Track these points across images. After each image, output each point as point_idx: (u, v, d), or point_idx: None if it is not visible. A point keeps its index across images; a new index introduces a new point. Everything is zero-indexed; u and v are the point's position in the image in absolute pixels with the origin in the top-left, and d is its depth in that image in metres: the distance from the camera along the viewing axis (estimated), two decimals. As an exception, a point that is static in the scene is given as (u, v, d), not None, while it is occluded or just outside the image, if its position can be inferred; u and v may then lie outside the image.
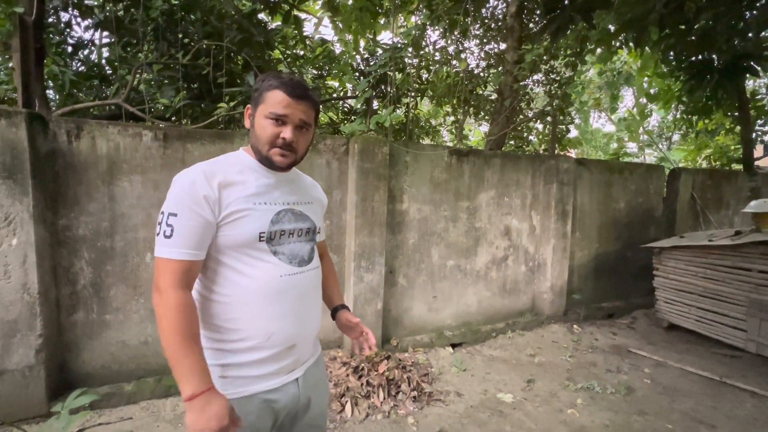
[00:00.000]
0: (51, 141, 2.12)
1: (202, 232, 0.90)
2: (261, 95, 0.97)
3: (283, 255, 0.99)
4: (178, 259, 0.89)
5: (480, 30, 5.48)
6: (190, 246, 0.89)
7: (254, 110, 0.99)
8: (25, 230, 1.99)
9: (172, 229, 0.89)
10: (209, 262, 0.97)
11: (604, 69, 7.29)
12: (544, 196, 3.76)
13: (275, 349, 0.98)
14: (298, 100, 0.96)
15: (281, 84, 0.95)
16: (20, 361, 2.03)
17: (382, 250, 2.93)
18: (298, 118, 0.96)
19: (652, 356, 3.26)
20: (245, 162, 1.01)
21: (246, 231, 0.93)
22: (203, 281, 0.98)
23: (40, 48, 2.68)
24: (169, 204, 0.91)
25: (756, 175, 5.23)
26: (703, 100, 5.10)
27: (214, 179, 0.92)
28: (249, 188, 0.96)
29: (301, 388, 1.06)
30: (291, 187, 1.07)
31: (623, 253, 4.40)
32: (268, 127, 0.96)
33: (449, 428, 2.25)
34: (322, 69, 5.27)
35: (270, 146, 0.97)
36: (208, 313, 0.97)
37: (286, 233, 1.00)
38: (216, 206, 0.91)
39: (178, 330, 0.86)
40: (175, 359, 0.86)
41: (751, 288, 3.11)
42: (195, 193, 0.89)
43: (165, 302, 0.88)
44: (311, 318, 1.07)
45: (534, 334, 3.60)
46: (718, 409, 2.52)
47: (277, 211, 0.99)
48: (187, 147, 2.41)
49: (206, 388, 0.85)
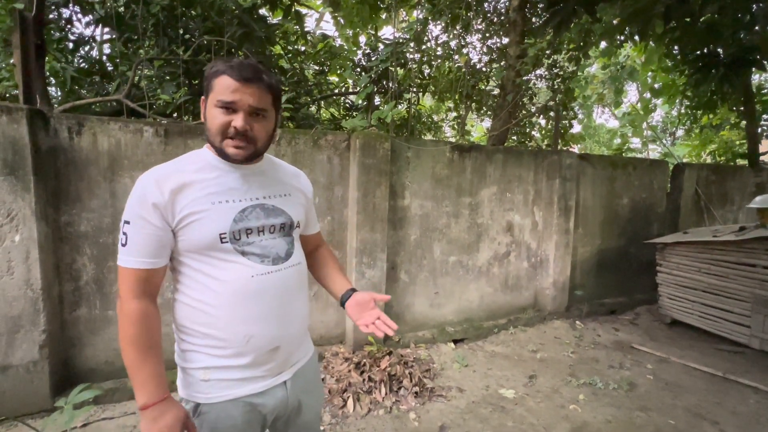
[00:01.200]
0: (52, 137, 2.12)
1: (156, 239, 0.87)
2: (209, 83, 0.89)
3: (252, 254, 0.93)
4: (133, 267, 0.87)
5: (482, 24, 5.43)
6: (144, 254, 0.87)
7: (205, 101, 0.92)
8: (27, 227, 2.00)
9: (127, 237, 0.86)
10: (177, 266, 0.94)
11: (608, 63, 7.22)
12: (547, 191, 3.74)
13: (256, 352, 0.94)
14: (247, 83, 0.86)
15: (228, 68, 0.87)
16: (24, 357, 2.04)
17: (383, 246, 2.93)
18: (247, 104, 0.87)
19: (655, 352, 3.25)
20: (206, 159, 0.94)
21: (204, 233, 0.88)
22: (175, 284, 0.96)
23: (40, 44, 2.67)
24: (125, 212, 0.88)
25: (761, 170, 5.18)
26: (708, 94, 5.04)
27: (167, 184, 0.87)
28: (207, 187, 0.90)
29: (290, 391, 1.02)
30: (261, 180, 0.99)
31: (626, 249, 4.38)
32: (217, 116, 0.88)
33: (451, 424, 2.26)
34: (324, 64, 5.25)
35: (222, 137, 0.89)
36: (183, 316, 0.94)
37: (254, 231, 0.94)
38: (168, 212, 0.86)
39: (134, 340, 0.86)
40: (131, 368, 0.85)
41: (755, 284, 3.09)
42: (144, 200, 0.86)
43: (123, 312, 0.87)
44: (295, 318, 1.01)
45: (536, 330, 3.60)
46: (722, 405, 2.51)
47: (241, 208, 0.92)
48: (188, 143, 2.41)
49: (159, 399, 0.85)
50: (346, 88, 5.41)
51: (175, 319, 0.96)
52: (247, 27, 3.48)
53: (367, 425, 2.21)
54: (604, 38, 4.01)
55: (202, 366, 0.93)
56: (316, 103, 5.32)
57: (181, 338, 0.96)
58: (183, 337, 0.96)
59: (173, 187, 0.87)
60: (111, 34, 3.89)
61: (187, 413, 0.89)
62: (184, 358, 0.96)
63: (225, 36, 3.35)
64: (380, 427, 2.19)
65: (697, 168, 4.63)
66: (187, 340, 0.95)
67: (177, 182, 0.88)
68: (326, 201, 2.84)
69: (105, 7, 3.61)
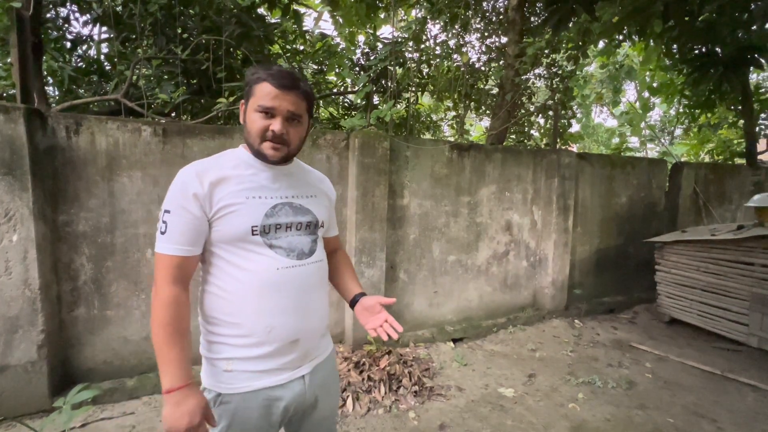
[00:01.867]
0: (50, 137, 2.11)
1: (194, 228, 0.92)
2: (250, 89, 0.96)
3: (279, 248, 0.98)
4: (170, 254, 0.92)
5: (481, 23, 5.42)
6: (182, 242, 0.92)
7: (246, 105, 0.99)
8: (25, 226, 1.99)
9: (166, 225, 0.92)
10: (208, 257, 0.99)
11: (606, 63, 7.23)
12: (546, 190, 3.74)
13: (277, 344, 0.98)
14: (286, 91, 0.94)
15: (268, 76, 0.94)
16: (22, 357, 2.04)
17: (382, 245, 2.93)
18: (286, 110, 0.95)
19: (654, 351, 3.26)
20: (242, 157, 1.01)
21: (238, 225, 0.94)
22: (204, 275, 1.00)
23: (38, 43, 2.66)
24: (165, 201, 0.94)
25: (759, 169, 5.19)
26: (707, 93, 5.06)
27: (206, 176, 0.93)
28: (243, 182, 0.97)
29: (308, 386, 1.05)
30: (290, 180, 1.06)
31: (625, 248, 4.39)
32: (257, 120, 0.95)
33: (450, 423, 2.26)
34: (322, 64, 5.24)
35: (261, 140, 0.96)
36: (210, 307, 0.98)
37: (283, 226, 1.00)
38: (206, 203, 0.92)
39: (165, 323, 0.90)
40: (159, 351, 0.89)
41: (753, 282, 3.10)
42: (185, 191, 0.91)
43: (157, 295, 0.92)
44: (315, 312, 1.05)
45: (535, 329, 3.60)
46: (720, 403, 2.52)
47: (272, 204, 0.99)
48: (186, 142, 2.40)
49: (184, 384, 0.88)
50: (344, 87, 5.41)
51: (203, 309, 1.00)
52: (246, 26, 3.47)
53: (367, 424, 2.21)
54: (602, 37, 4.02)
55: (226, 356, 0.97)
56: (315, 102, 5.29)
57: (207, 329, 1.00)
58: (209, 328, 0.99)
59: (212, 179, 0.93)
60: (109, 33, 3.88)
61: (207, 402, 0.92)
62: (209, 349, 1.00)
63: (223, 35, 3.34)
64: (379, 427, 2.20)
65: (695, 167, 4.64)
66: (212, 330, 0.99)
67: (216, 176, 0.94)
68: (325, 200, 2.83)
69: (103, 6, 3.60)
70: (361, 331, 2.89)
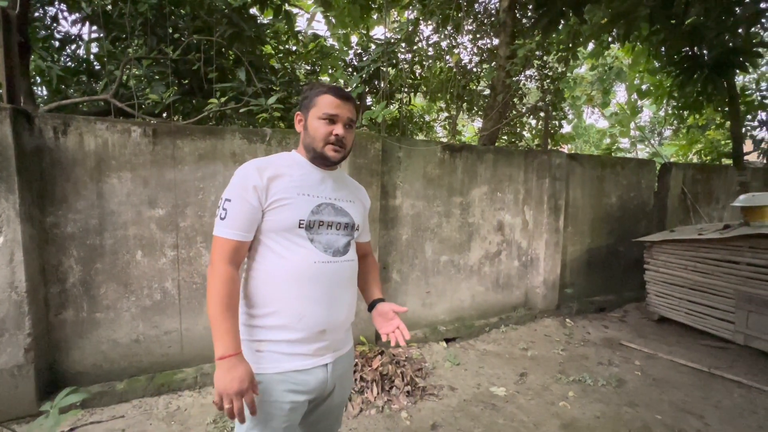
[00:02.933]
0: (37, 137, 2.09)
1: (250, 216, 1.04)
2: (311, 101, 1.11)
3: (319, 243, 1.09)
4: (228, 238, 1.03)
5: (473, 25, 5.46)
6: (239, 228, 1.03)
7: (305, 115, 1.13)
8: (11, 228, 1.96)
9: (226, 212, 1.03)
10: (255, 244, 1.09)
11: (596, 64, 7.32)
12: (537, 191, 3.78)
13: (306, 331, 1.06)
14: (345, 101, 1.11)
15: (329, 89, 1.11)
16: (9, 361, 2.01)
17: (375, 245, 2.93)
18: (346, 117, 1.11)
19: (643, 349, 3.30)
20: (295, 159, 1.15)
21: (288, 217, 1.05)
22: (249, 261, 1.11)
23: (25, 43, 2.63)
24: (227, 191, 1.06)
25: (745, 169, 5.29)
26: (694, 95, 5.14)
27: (265, 172, 1.05)
28: (295, 180, 1.09)
29: (330, 375, 1.13)
30: (335, 184, 1.17)
31: (615, 248, 4.44)
32: (321, 127, 1.09)
33: (442, 422, 2.27)
34: (315, 64, 5.23)
35: (324, 143, 1.09)
36: (251, 291, 1.08)
37: (325, 224, 1.10)
38: (263, 194, 1.04)
39: (221, 297, 0.99)
40: (214, 322, 0.98)
41: (739, 281, 3.16)
42: (246, 183, 1.03)
43: (214, 273, 1.01)
44: (343, 307, 1.14)
45: (527, 328, 3.63)
46: (707, 400, 2.56)
47: (318, 203, 1.10)
48: (177, 143, 2.38)
49: (235, 352, 0.97)
50: (337, 88, 5.39)
51: (245, 291, 1.09)
52: (237, 26, 3.45)
53: (359, 425, 2.21)
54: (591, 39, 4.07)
55: (258, 338, 1.07)
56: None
57: (246, 312, 1.09)
58: (248, 311, 1.08)
59: (270, 175, 1.05)
60: (98, 32, 3.83)
61: (253, 373, 1.00)
62: (245, 332, 1.08)
63: (215, 35, 3.33)
64: (372, 427, 2.20)
65: (683, 167, 4.72)
66: (250, 312, 1.08)
67: (273, 172, 1.06)
68: (317, 201, 2.83)
69: (92, 5, 3.56)
70: (354, 332, 2.88)
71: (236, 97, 3.30)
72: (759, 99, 5.88)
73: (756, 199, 3.37)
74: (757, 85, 6.20)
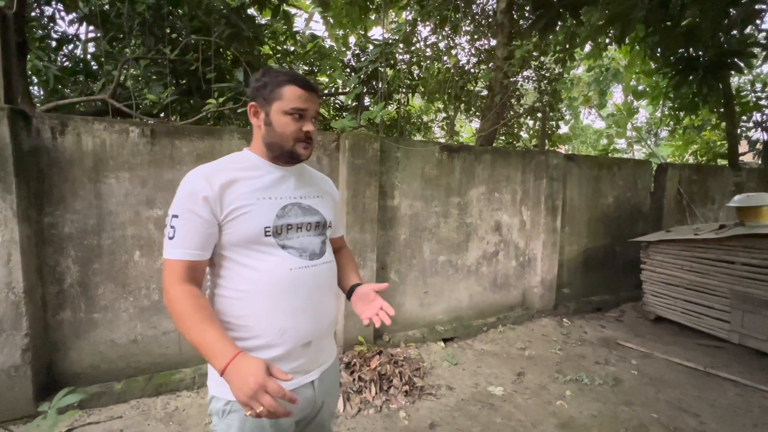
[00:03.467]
0: (34, 137, 2.08)
1: (204, 232, 0.92)
2: (273, 92, 0.97)
3: (292, 249, 0.99)
4: (179, 259, 0.91)
5: (470, 26, 5.48)
6: (191, 246, 0.91)
7: (266, 107, 0.98)
8: (8, 228, 1.95)
9: (175, 230, 0.91)
10: (217, 260, 0.98)
11: (593, 65, 7.36)
12: (534, 191, 3.80)
13: (289, 346, 0.97)
14: (312, 92, 0.99)
15: (293, 78, 0.97)
16: (6, 361, 2.00)
17: (373, 246, 2.94)
18: (315, 111, 1.00)
19: (640, 348, 3.32)
20: (249, 159, 1.02)
21: (250, 226, 0.94)
22: (213, 278, 1.00)
23: (22, 42, 2.61)
24: (172, 206, 0.94)
25: (740, 170, 5.33)
26: (690, 96, 5.18)
27: (216, 179, 0.93)
28: (253, 184, 0.97)
29: (317, 392, 1.04)
30: (298, 181, 1.06)
31: (612, 248, 4.47)
32: (289, 123, 0.97)
33: (440, 422, 2.28)
34: (313, 65, 5.24)
35: (294, 141, 0.98)
36: (219, 310, 0.96)
37: (294, 227, 1.00)
38: (217, 206, 0.92)
39: (191, 313, 0.87)
40: (195, 343, 0.86)
41: (734, 280, 3.18)
42: (195, 194, 0.91)
43: (170, 295, 0.90)
44: (327, 313, 1.05)
45: (524, 328, 3.65)
46: (702, 399, 2.59)
47: (282, 205, 0.99)
48: (175, 143, 2.38)
49: (233, 356, 0.82)
50: (335, 88, 5.41)
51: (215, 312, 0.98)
52: (235, 27, 3.45)
53: (357, 425, 2.21)
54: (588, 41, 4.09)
55: None
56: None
57: None
58: None
59: (222, 182, 0.93)
60: (96, 32, 3.83)
61: (267, 361, 0.84)
62: None
63: (213, 35, 3.33)
64: (370, 427, 2.20)
65: (679, 168, 4.75)
66: None
67: (225, 177, 0.94)
68: (316, 201, 2.84)
69: (89, 5, 3.55)
70: (353, 332, 2.90)
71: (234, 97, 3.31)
72: (754, 100, 5.93)
73: (751, 199, 3.40)
74: (752, 87, 6.25)
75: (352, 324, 2.90)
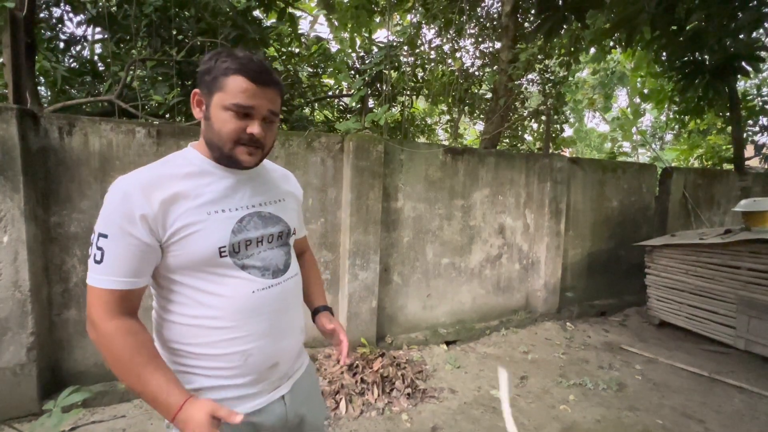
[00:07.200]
0: (42, 137, 2.10)
1: (140, 256, 0.76)
2: (216, 80, 0.79)
3: (253, 268, 0.86)
4: (109, 288, 0.76)
5: (475, 29, 5.49)
6: (124, 273, 0.76)
7: (207, 98, 0.81)
8: (16, 227, 1.97)
9: (102, 253, 0.75)
10: (164, 282, 0.83)
11: (598, 68, 7.34)
12: (538, 194, 3.79)
13: (254, 370, 0.87)
14: (264, 87, 0.79)
15: (242, 68, 0.77)
16: (11, 360, 2.01)
17: (376, 248, 2.94)
18: (266, 109, 0.81)
19: (644, 353, 3.30)
20: (194, 162, 0.84)
21: (201, 248, 0.79)
22: (162, 303, 0.85)
23: (31, 43, 2.65)
24: (100, 222, 0.76)
25: (746, 174, 5.29)
26: (695, 100, 5.16)
27: (156, 193, 0.76)
28: (201, 195, 0.81)
29: (289, 406, 0.95)
30: (254, 185, 0.90)
31: (616, 252, 4.44)
32: (229, 120, 0.79)
33: (443, 425, 2.27)
34: (318, 67, 5.26)
35: (234, 143, 0.81)
36: (173, 338, 0.84)
37: (253, 242, 0.86)
38: (158, 225, 0.76)
39: (127, 358, 0.75)
40: (137, 391, 0.75)
41: (740, 285, 3.16)
42: (129, 210, 0.74)
43: (102, 334, 0.76)
44: (294, 331, 0.96)
45: (527, 332, 3.63)
46: (707, 405, 2.56)
47: (239, 218, 0.84)
48: (181, 144, 2.40)
49: (181, 404, 0.74)
50: (340, 90, 5.43)
51: (162, 340, 0.86)
52: (241, 29, 3.48)
53: (360, 427, 2.21)
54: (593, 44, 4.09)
55: (195, 387, 0.84)
56: (310, 105, 5.32)
57: (171, 359, 0.86)
58: (173, 359, 0.86)
59: (164, 197, 0.77)
60: (103, 33, 3.87)
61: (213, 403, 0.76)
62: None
63: (219, 37, 3.35)
64: (372, 429, 2.20)
65: (684, 172, 4.73)
66: (177, 361, 0.86)
67: (168, 191, 0.77)
68: (320, 203, 2.85)
69: (97, 7, 3.59)
70: (355, 334, 2.90)
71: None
72: (760, 104, 5.89)
73: (757, 204, 3.37)
74: (759, 91, 6.21)
75: (355, 326, 2.90)
